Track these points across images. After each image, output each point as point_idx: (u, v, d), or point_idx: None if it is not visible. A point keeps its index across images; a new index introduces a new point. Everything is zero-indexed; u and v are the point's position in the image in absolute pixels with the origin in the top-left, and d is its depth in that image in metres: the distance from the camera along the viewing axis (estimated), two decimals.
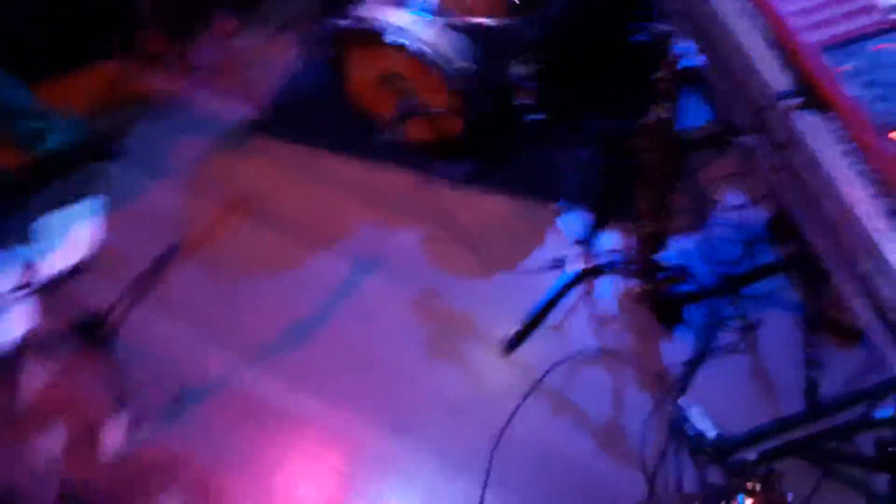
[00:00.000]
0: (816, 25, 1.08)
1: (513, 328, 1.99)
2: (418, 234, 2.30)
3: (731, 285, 1.92)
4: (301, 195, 2.45)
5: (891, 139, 0.96)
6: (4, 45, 2.41)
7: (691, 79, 1.61)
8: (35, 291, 2.08)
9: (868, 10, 1.08)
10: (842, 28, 1.07)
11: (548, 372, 1.90)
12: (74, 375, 1.99)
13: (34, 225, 2.32)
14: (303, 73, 2.77)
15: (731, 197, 2.17)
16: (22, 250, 2.24)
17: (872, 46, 1.04)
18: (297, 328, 2.09)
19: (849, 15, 1.09)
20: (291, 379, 1.98)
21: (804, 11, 1.09)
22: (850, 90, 1.01)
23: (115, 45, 2.88)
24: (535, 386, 1.88)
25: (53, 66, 2.74)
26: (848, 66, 1.03)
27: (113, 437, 1.82)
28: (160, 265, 2.14)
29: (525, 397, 1.86)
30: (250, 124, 2.66)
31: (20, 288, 2.10)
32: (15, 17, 2.64)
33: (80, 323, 1.96)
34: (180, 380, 1.95)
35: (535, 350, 1.97)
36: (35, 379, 1.96)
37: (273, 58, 2.82)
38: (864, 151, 0.98)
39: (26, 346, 1.99)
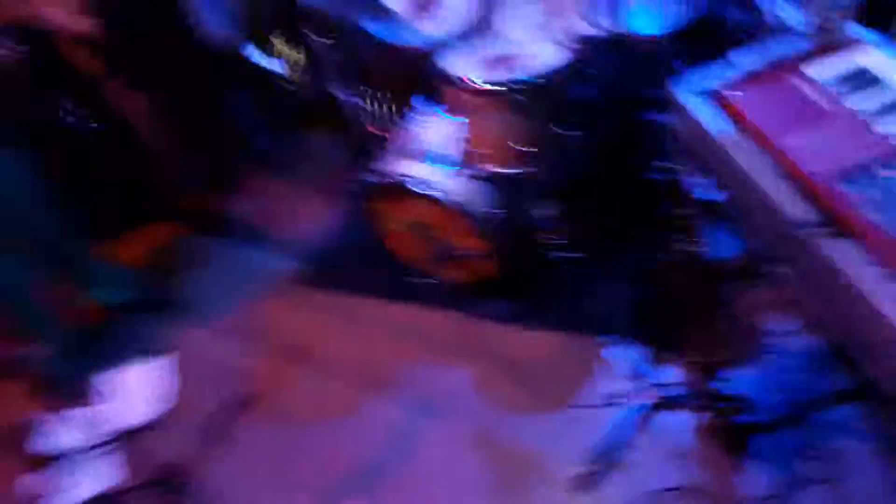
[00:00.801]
0: (826, 158, 1.13)
1: (577, 465, 1.96)
2: (470, 372, 2.32)
3: (800, 414, 1.91)
4: (351, 342, 2.49)
5: None
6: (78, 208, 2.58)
7: (715, 212, 1.70)
8: (111, 447, 2.09)
9: (868, 140, 1.14)
10: (850, 159, 1.13)
11: None
12: None
13: (107, 381, 2.37)
14: (339, 223, 2.91)
15: (781, 324, 2.20)
16: (96, 407, 2.28)
17: (882, 174, 1.09)
18: (360, 475, 2.07)
19: (854, 146, 1.14)
20: None
21: (809, 146, 1.15)
22: (872, 217, 1.04)
23: (159, 207, 3.06)
24: None
25: (108, 228, 2.91)
26: (863, 195, 1.07)
27: None
28: (229, 417, 2.17)
29: None
30: (295, 275, 2.76)
31: (97, 445, 2.11)
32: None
33: (157, 476, 1.96)
34: None
35: (608, 490, 1.92)
36: None
37: (308, 211, 2.98)
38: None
39: (104, 498, 1.98)
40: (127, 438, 2.17)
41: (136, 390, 2.35)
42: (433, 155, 2.28)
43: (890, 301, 1.01)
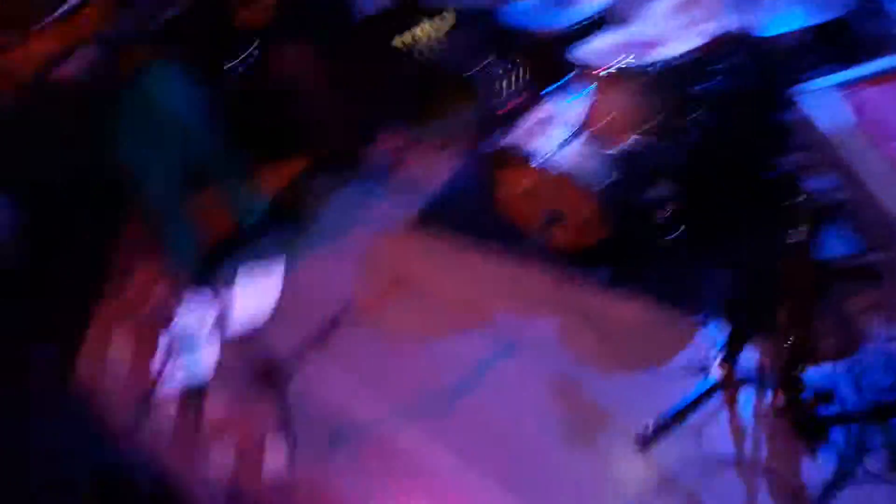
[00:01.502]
0: None
1: (646, 424, 2.04)
2: (559, 325, 2.43)
3: (880, 413, 1.88)
4: (453, 280, 2.67)
5: None
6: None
7: (834, 210, 1.68)
8: (226, 334, 2.43)
9: None
10: None
11: (681, 472, 1.91)
12: (250, 407, 2.27)
13: (228, 277, 2.71)
14: (461, 181, 3.07)
15: (883, 327, 2.15)
16: (218, 297, 2.63)
17: None
18: (441, 394, 2.25)
19: None
20: (432, 439, 2.13)
21: None
22: None
23: (305, 144, 3.36)
24: (667, 484, 1.90)
25: (260, 156, 3.25)
26: None
27: (275, 461, 2.05)
28: (333, 323, 2.43)
29: (655, 495, 1.88)
30: (414, 216, 2.98)
31: (214, 330, 2.46)
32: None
33: (261, 365, 2.27)
34: (338, 422, 2.17)
35: (671, 449, 1.99)
36: (218, 405, 2.26)
37: (437, 167, 3.16)
38: None
39: (215, 379, 2.31)
40: (240, 329, 2.49)
41: (251, 293, 2.68)
42: (560, 129, 2.39)
43: None
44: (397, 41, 3.09)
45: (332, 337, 2.44)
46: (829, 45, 2.09)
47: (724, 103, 2.25)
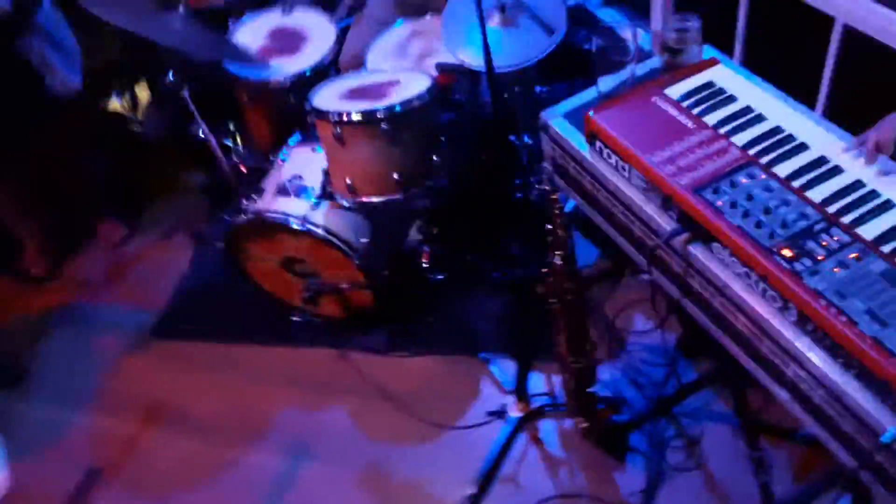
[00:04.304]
0: (684, 170, 1.22)
1: (467, 488, 1.94)
2: (348, 409, 2.26)
3: (664, 406, 2.01)
4: (216, 392, 2.35)
5: (780, 255, 1.09)
6: None
7: (579, 224, 1.76)
8: None
9: (724, 150, 1.25)
10: (708, 169, 1.23)
11: None
12: None
13: None
14: (198, 270, 2.73)
15: (639, 322, 2.32)
16: None
17: (738, 180, 1.20)
18: None
19: (711, 156, 1.25)
20: None
21: (670, 160, 1.24)
22: (732, 221, 1.14)
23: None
24: None
25: None
26: (723, 201, 1.17)
27: None
28: (80, 496, 1.94)
29: None
30: (151, 329, 2.56)
31: None
32: None
33: None
34: None
35: None
36: None
37: (165, 260, 2.79)
38: (759, 272, 1.10)
39: None
40: None
41: None
42: (300, 188, 2.23)
43: (747, 293, 1.13)
44: (110, 106, 2.73)
45: None
46: (561, 68, 2.22)
47: (465, 135, 2.28)
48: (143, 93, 2.84)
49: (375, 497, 2.02)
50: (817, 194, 1.18)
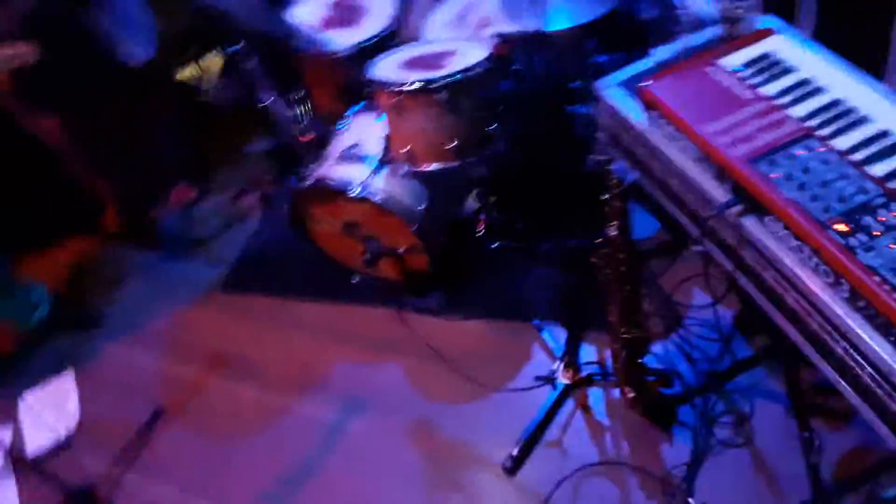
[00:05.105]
0: (739, 141, 1.19)
1: (511, 449, 1.98)
2: (401, 367, 2.31)
3: (716, 382, 1.98)
4: (277, 345, 2.45)
5: (834, 230, 1.06)
6: None
7: (637, 196, 1.74)
8: (23, 469, 1.98)
9: (781, 122, 1.21)
10: (763, 140, 1.19)
11: (554, 490, 1.87)
12: None
13: (14, 403, 2.25)
14: (265, 231, 2.86)
15: (697, 297, 2.28)
16: (4, 426, 2.16)
17: (794, 153, 1.16)
18: (288, 480, 2.03)
19: (767, 128, 1.21)
20: None
21: (725, 131, 1.20)
22: (787, 194, 1.11)
23: (82, 224, 2.95)
24: None
25: (23, 244, 2.79)
26: (778, 174, 1.14)
27: None
28: (146, 431, 2.09)
29: None
30: (220, 283, 2.70)
31: (5, 464, 2.00)
32: None
33: (73, 496, 1.87)
34: None
35: (538, 470, 1.95)
36: None
37: (234, 220, 2.92)
38: (812, 246, 1.07)
39: None
40: (35, 463, 2.07)
41: (40, 412, 2.25)
42: (362, 156, 2.27)
43: (799, 267, 1.10)
44: (180, 75, 2.82)
45: (147, 445, 2.10)
46: (618, 36, 2.17)
47: (523, 105, 2.27)
48: (213, 62, 2.93)
49: (421, 452, 2.08)
50: (878, 169, 1.13)
